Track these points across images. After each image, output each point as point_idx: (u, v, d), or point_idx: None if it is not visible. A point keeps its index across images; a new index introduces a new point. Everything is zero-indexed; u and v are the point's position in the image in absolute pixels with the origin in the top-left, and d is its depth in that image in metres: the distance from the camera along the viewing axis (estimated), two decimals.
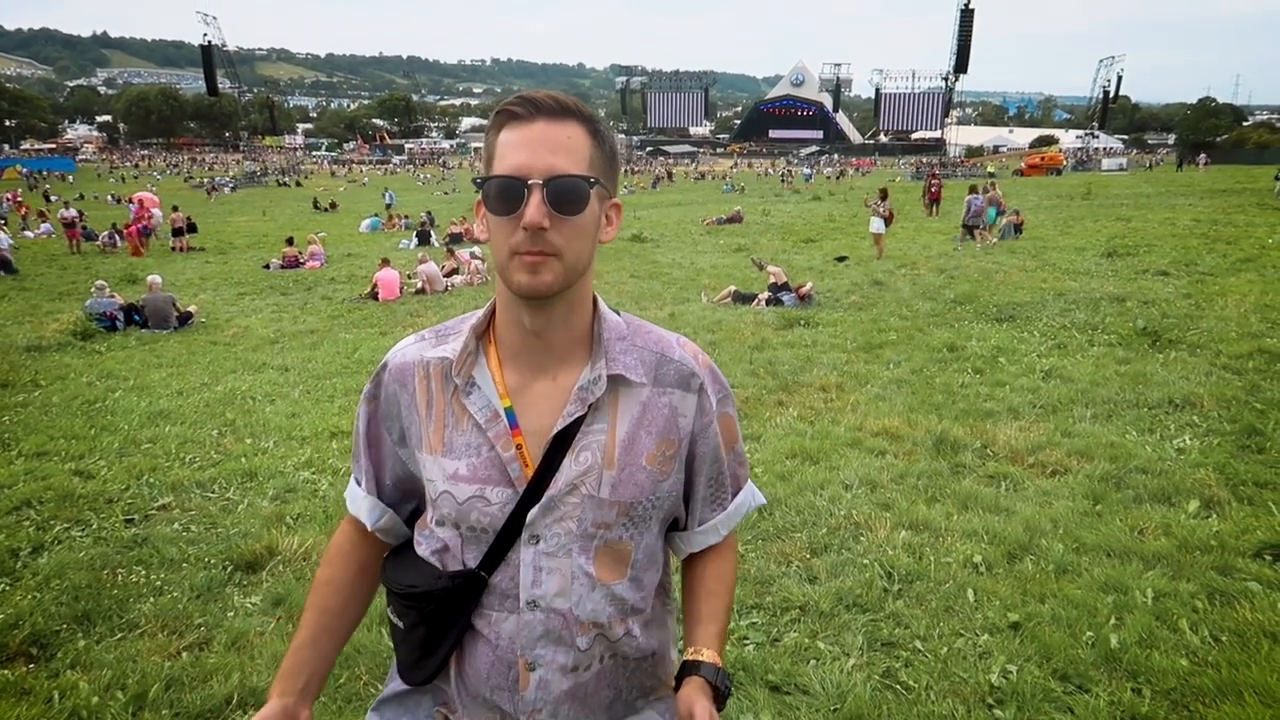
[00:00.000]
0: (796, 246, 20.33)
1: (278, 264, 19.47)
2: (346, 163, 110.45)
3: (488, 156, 1.23)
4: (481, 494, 1.27)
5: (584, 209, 1.19)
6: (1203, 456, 5.37)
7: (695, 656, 1.35)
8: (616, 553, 1.31)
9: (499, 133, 1.21)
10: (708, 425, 1.36)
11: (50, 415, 7.41)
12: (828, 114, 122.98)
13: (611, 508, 1.28)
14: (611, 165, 1.26)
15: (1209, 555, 4.05)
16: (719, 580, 1.45)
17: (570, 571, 1.27)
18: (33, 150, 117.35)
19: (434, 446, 1.31)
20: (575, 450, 1.26)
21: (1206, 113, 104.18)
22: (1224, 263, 13.43)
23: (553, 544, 1.27)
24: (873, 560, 4.18)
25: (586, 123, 1.21)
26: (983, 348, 8.56)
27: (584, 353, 1.30)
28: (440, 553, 1.32)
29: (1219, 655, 3.25)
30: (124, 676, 3.37)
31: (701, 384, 1.34)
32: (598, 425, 1.28)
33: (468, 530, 1.29)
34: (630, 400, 1.30)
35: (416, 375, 1.33)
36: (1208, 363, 7.54)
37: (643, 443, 1.29)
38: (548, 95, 1.20)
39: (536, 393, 1.29)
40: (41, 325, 12.04)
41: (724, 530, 1.46)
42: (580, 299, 1.28)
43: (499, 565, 1.28)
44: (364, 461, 1.42)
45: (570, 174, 1.17)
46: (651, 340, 1.35)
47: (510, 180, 1.16)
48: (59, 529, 4.89)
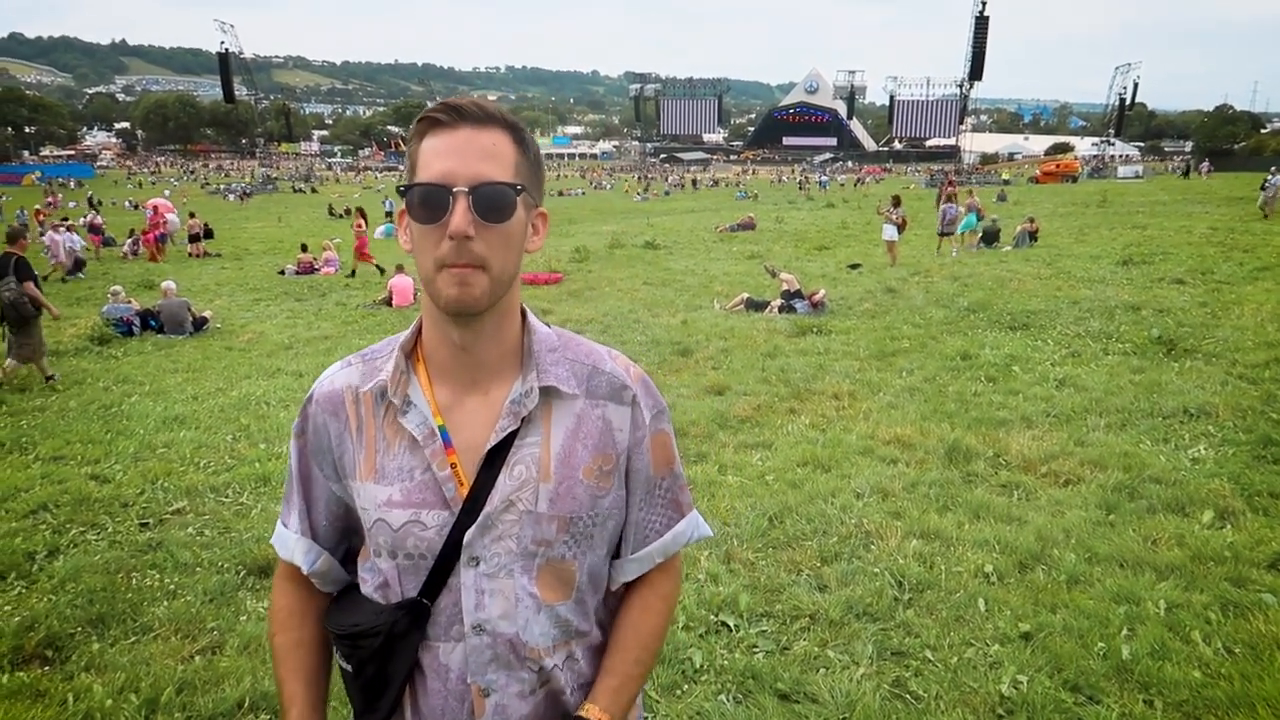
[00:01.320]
0: (809, 254, 20.31)
1: (293, 270, 19.59)
2: (361, 169, 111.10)
3: (410, 165, 1.19)
4: (417, 518, 1.23)
5: (511, 217, 1.16)
6: (1218, 466, 5.33)
7: (581, 713, 1.28)
8: (559, 572, 1.27)
9: (422, 140, 1.18)
10: (641, 440, 1.32)
11: (67, 420, 7.48)
12: (842, 121, 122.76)
13: (551, 522, 1.24)
14: (537, 173, 1.24)
15: (1223, 566, 4.03)
16: (635, 632, 1.36)
17: (514, 593, 1.24)
18: (52, 157, 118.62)
19: (365, 473, 1.27)
20: (510, 465, 1.23)
21: (1224, 120, 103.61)
22: (1241, 271, 13.34)
23: (493, 564, 1.23)
24: (883, 569, 4.17)
25: (511, 130, 1.19)
26: (996, 356, 8.53)
27: (514, 366, 1.27)
28: (382, 588, 1.28)
29: (1232, 667, 3.23)
30: (137, 679, 3.40)
31: (634, 396, 1.31)
32: (531, 438, 1.24)
33: (404, 559, 1.25)
34: (564, 412, 1.26)
35: (347, 400, 1.29)
36: (1223, 372, 7.49)
37: (579, 455, 1.26)
38: (471, 102, 1.17)
39: (468, 409, 1.25)
40: (59, 331, 12.15)
41: (658, 558, 1.38)
42: (508, 311, 1.26)
43: (441, 591, 1.24)
44: (296, 500, 1.36)
45: (497, 181, 1.14)
46: (583, 352, 1.32)
47: (435, 188, 1.13)
48: (75, 532, 4.94)
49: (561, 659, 1.28)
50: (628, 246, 21.92)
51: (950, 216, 19.97)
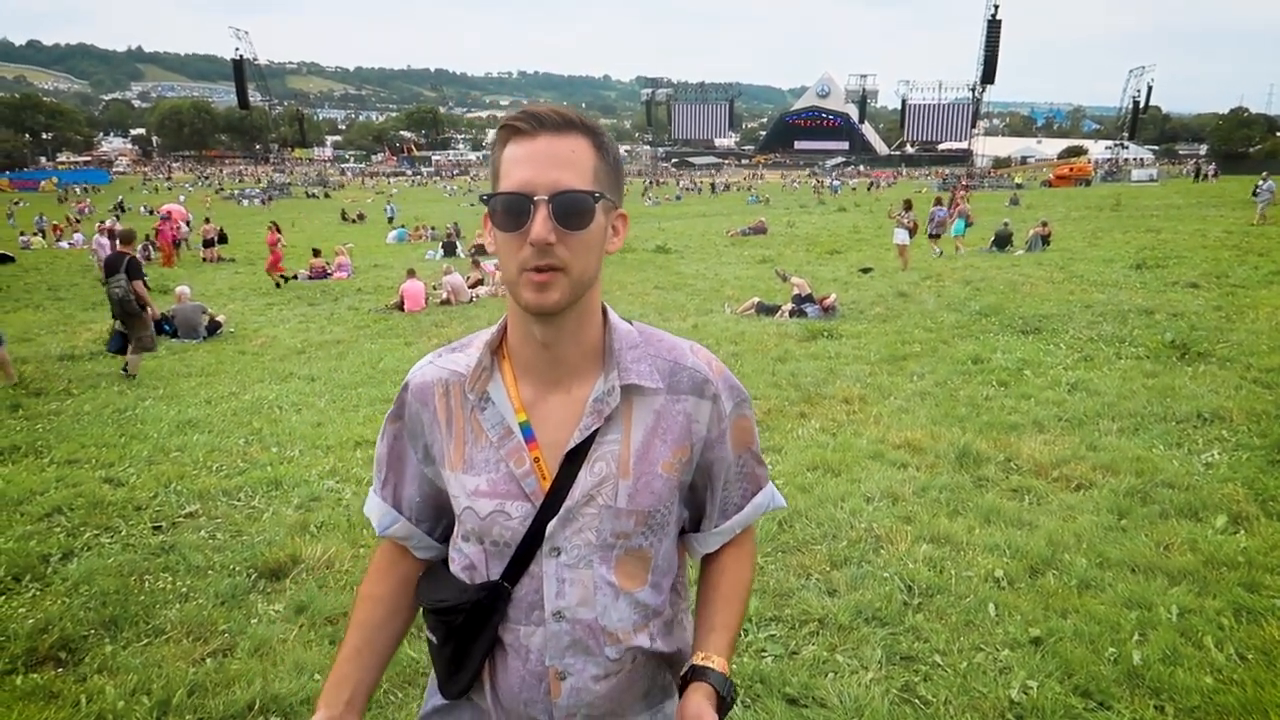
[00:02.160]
0: (821, 258, 20.29)
1: (305, 275, 19.70)
2: (374, 174, 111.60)
3: (494, 172, 1.24)
4: (502, 508, 1.29)
5: (590, 223, 1.20)
6: (1231, 471, 5.30)
7: (704, 663, 1.33)
8: (637, 560, 1.33)
9: (504, 148, 1.21)
10: (724, 432, 1.37)
11: (82, 423, 7.54)
12: (854, 125, 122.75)
13: (629, 517, 1.29)
14: (616, 176, 1.27)
15: (1236, 571, 4.00)
16: (733, 586, 1.44)
17: (592, 582, 1.29)
18: (69, 162, 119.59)
19: (455, 463, 1.33)
20: (590, 461, 1.28)
21: (1239, 123, 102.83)
22: (1256, 275, 13.24)
23: (573, 555, 1.28)
24: (893, 574, 4.16)
25: (590, 135, 1.22)
26: (1008, 360, 8.50)
27: (596, 364, 1.31)
28: (468, 569, 1.35)
29: (1244, 673, 3.21)
30: (149, 682, 3.42)
31: (716, 391, 1.35)
32: (612, 435, 1.29)
33: (491, 545, 1.31)
34: (644, 409, 1.31)
35: (436, 393, 1.35)
36: (1238, 376, 7.44)
37: (657, 450, 1.30)
38: (551, 109, 1.20)
39: (551, 405, 1.30)
40: (75, 335, 12.26)
41: (738, 529, 1.46)
42: (589, 311, 1.29)
43: (522, 577, 1.30)
44: (385, 473, 1.45)
45: (575, 189, 1.17)
46: (664, 348, 1.36)
47: (516, 197, 1.17)
48: (88, 535, 4.97)
49: (644, 641, 1.34)
50: (639, 250, 21.94)
51: (939, 219, 20.88)
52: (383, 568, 1.49)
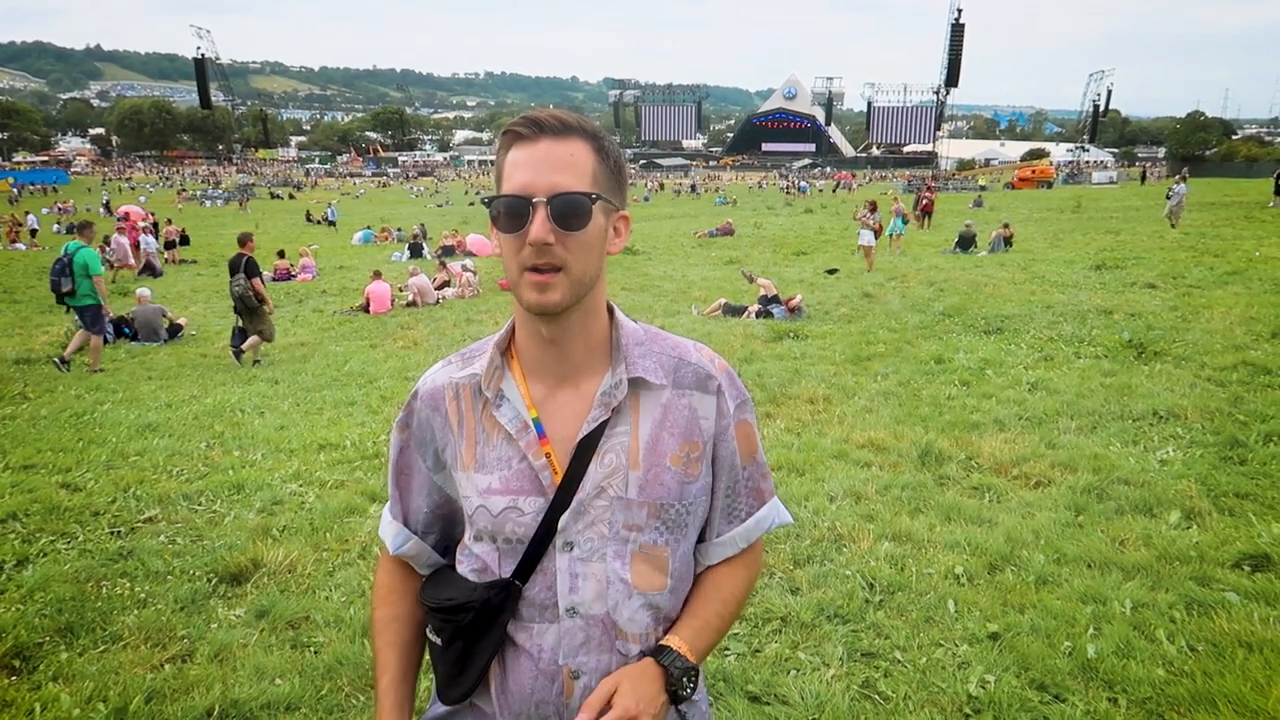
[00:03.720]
0: (787, 259, 20.41)
1: (269, 276, 19.47)
2: (341, 175, 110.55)
3: (498, 176, 1.28)
4: (515, 504, 1.31)
5: (588, 224, 1.23)
6: (1185, 468, 5.41)
7: (662, 642, 1.33)
8: (652, 559, 1.33)
9: (506, 153, 1.25)
10: (726, 429, 1.38)
11: (38, 428, 7.40)
12: (820, 127, 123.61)
13: (641, 508, 1.31)
14: (617, 178, 1.31)
15: (1188, 566, 4.08)
16: (716, 590, 1.43)
17: (605, 576, 1.30)
18: (25, 162, 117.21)
19: (467, 463, 1.35)
20: (601, 453, 1.30)
21: (1196, 126, 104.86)
22: (1211, 275, 13.51)
23: (586, 549, 1.30)
24: (855, 571, 4.20)
25: (590, 139, 1.26)
26: (970, 360, 8.61)
27: (604, 360, 1.35)
28: (479, 571, 1.36)
29: (1195, 665, 3.28)
30: (106, 688, 3.37)
31: (719, 386, 1.38)
32: (621, 428, 1.31)
33: (504, 543, 1.32)
34: (651, 402, 1.33)
35: (447, 397, 1.38)
36: (1192, 375, 7.60)
37: (665, 444, 1.32)
38: (551, 114, 1.24)
39: (560, 402, 1.33)
40: (31, 338, 12.03)
41: (741, 544, 1.44)
42: (594, 309, 1.33)
43: (534, 574, 1.31)
44: (393, 490, 1.47)
45: (573, 191, 1.21)
46: (669, 345, 1.39)
47: (515, 199, 1.21)
48: (44, 541, 4.88)
49: (654, 643, 1.34)
50: None
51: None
52: (396, 587, 1.50)
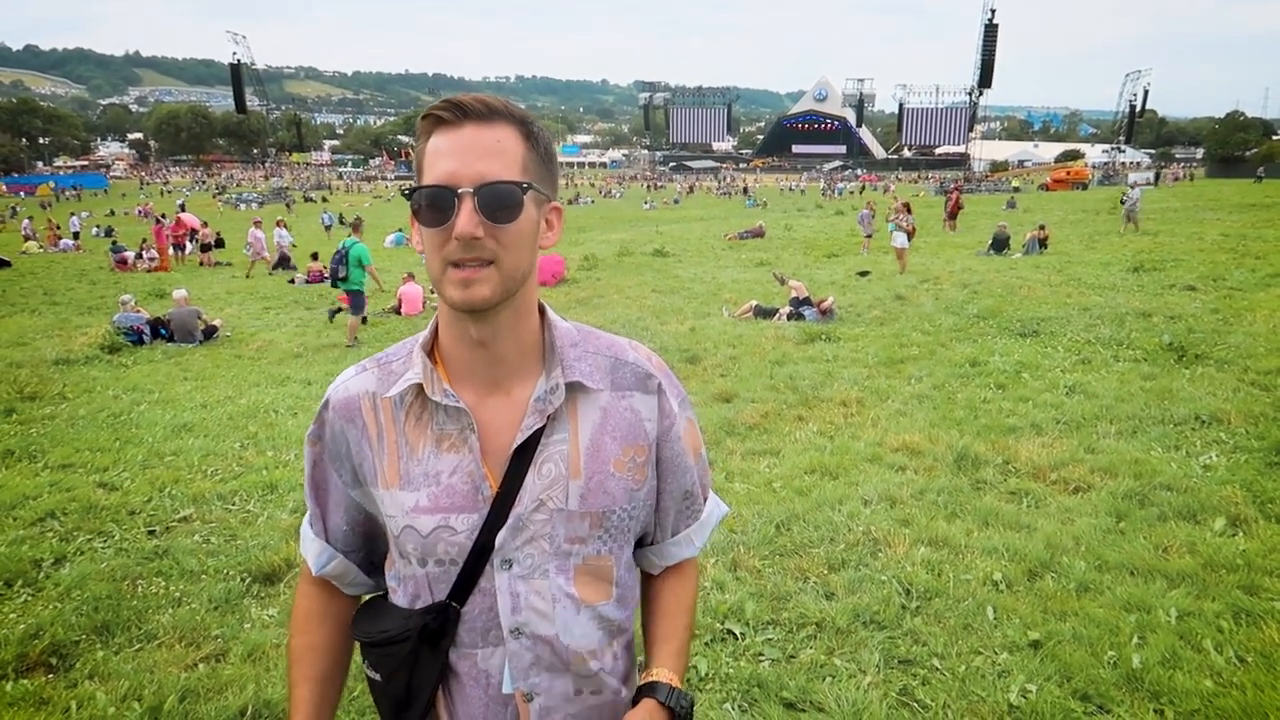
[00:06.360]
0: (819, 261, 20.27)
1: (303, 279, 19.66)
2: (371, 178, 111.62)
3: (417, 166, 1.18)
4: (446, 523, 1.20)
5: (519, 215, 1.13)
6: (1229, 474, 5.28)
7: (651, 678, 1.28)
8: (597, 570, 1.26)
9: (427, 140, 1.15)
10: (670, 427, 1.31)
11: (76, 428, 7.50)
12: (851, 129, 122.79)
13: (583, 519, 1.23)
14: (548, 167, 1.21)
15: (1235, 574, 3.98)
16: (678, 602, 1.39)
17: (550, 594, 1.22)
18: (66, 167, 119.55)
19: (390, 480, 1.24)
20: (538, 463, 1.21)
21: (1235, 126, 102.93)
22: (1253, 278, 13.24)
23: (527, 566, 1.21)
24: (891, 577, 4.14)
25: (518, 124, 1.16)
26: (1006, 363, 8.48)
27: (536, 363, 1.25)
28: (411, 596, 1.26)
29: (1244, 676, 3.19)
30: (141, 687, 3.40)
31: (659, 384, 1.30)
32: (558, 435, 1.22)
33: (435, 565, 1.23)
34: (590, 406, 1.24)
35: (364, 406, 1.26)
36: (1235, 379, 7.43)
37: (608, 449, 1.24)
38: (475, 98, 1.15)
39: (491, 409, 1.23)
40: (70, 339, 12.21)
41: (698, 541, 1.40)
42: (525, 307, 1.23)
43: (471, 595, 1.22)
44: (311, 504, 1.35)
45: (502, 180, 1.11)
46: (604, 345, 1.30)
47: (439, 190, 1.11)
48: (81, 540, 4.94)
49: (608, 660, 1.29)
50: (636, 254, 21.91)
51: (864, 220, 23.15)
52: (316, 612, 1.39)
